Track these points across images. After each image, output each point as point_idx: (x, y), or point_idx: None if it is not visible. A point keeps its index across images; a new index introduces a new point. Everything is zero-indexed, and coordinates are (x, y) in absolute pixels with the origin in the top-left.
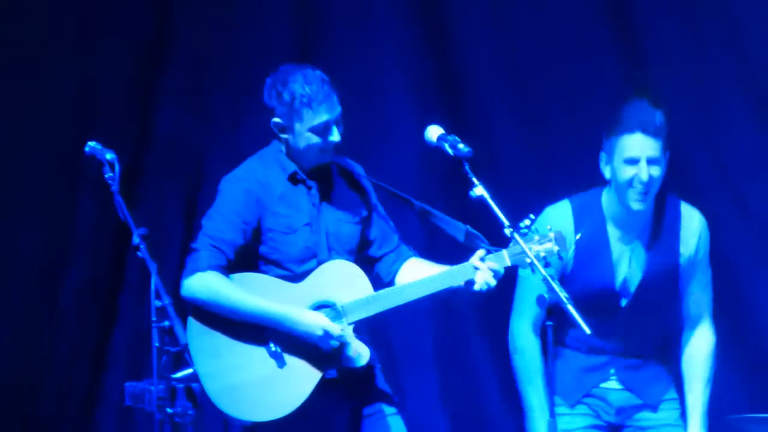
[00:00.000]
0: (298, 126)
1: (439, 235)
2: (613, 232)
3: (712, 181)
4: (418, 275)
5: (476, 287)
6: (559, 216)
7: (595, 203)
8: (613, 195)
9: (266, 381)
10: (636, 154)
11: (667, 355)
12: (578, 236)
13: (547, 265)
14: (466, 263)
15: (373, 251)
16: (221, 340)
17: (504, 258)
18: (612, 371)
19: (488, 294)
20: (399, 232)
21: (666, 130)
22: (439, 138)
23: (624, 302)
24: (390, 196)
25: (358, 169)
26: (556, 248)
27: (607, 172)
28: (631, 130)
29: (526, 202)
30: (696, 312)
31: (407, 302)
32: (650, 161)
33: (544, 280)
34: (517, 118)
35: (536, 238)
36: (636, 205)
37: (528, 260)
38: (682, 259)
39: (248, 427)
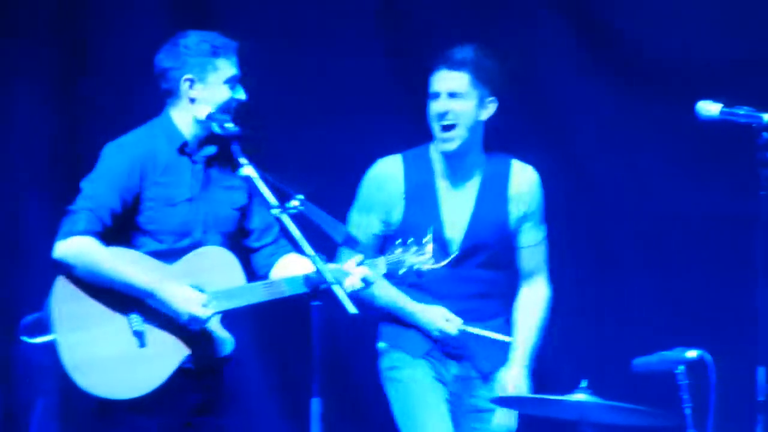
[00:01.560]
0: (213, 77)
1: None
2: (441, 181)
3: None
4: (293, 271)
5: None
6: (390, 167)
7: (424, 154)
8: (435, 140)
9: (125, 359)
10: (436, 89)
11: (508, 327)
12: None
13: (419, 275)
14: (339, 265)
15: (252, 242)
16: (86, 310)
17: (380, 265)
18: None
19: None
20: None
21: (479, 67)
22: (208, 116)
23: (454, 250)
24: (271, 187)
25: (242, 157)
26: (431, 262)
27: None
28: (436, 66)
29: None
30: (530, 267)
31: (278, 298)
32: (451, 95)
33: (312, 259)
34: (290, 101)
35: (413, 249)
36: (441, 145)
37: (403, 270)
38: (512, 215)
39: (101, 402)
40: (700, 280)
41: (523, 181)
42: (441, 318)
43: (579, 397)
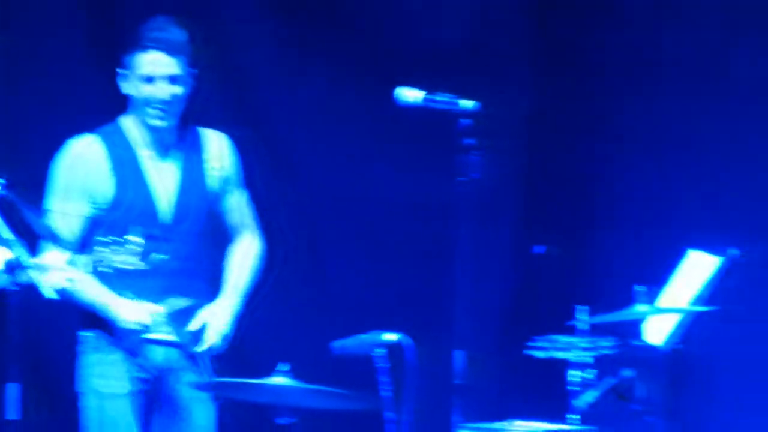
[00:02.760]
0: None
1: None
2: (144, 154)
3: None
4: None
5: (47, 289)
6: (88, 146)
7: (117, 129)
8: (136, 115)
9: None
10: (153, 72)
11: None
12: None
13: (123, 275)
14: (41, 259)
15: None
16: None
17: (82, 263)
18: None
19: None
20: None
21: (188, 48)
22: None
23: (168, 218)
24: None
25: None
26: (135, 260)
27: (126, 90)
28: (147, 48)
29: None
30: (237, 225)
31: None
32: (169, 79)
33: (9, 243)
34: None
35: (114, 248)
36: (155, 122)
37: (105, 269)
38: (214, 179)
39: None
40: (401, 264)
41: (218, 146)
42: (133, 313)
43: (277, 380)
